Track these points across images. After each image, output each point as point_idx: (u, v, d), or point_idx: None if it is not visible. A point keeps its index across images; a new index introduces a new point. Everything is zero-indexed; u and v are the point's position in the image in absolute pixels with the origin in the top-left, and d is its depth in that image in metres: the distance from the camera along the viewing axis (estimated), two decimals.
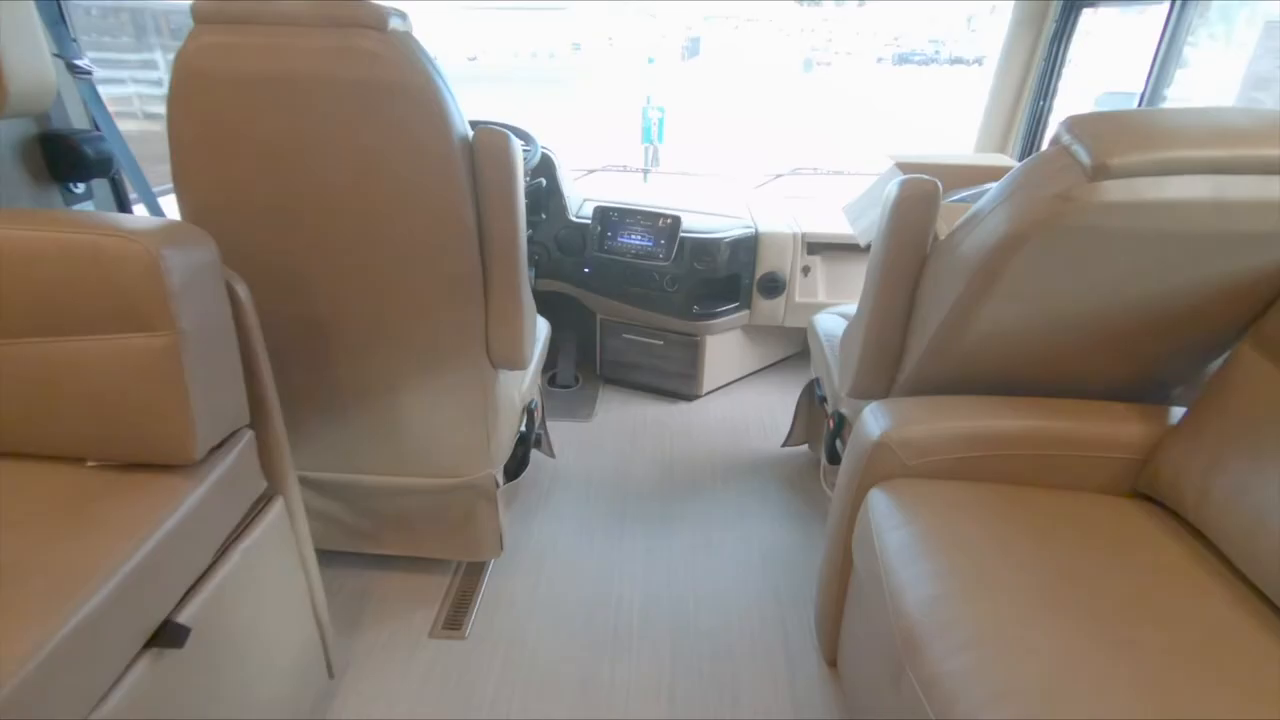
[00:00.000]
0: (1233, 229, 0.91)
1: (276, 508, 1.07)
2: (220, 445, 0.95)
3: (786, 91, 22.24)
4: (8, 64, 1.03)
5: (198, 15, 1.01)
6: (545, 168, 2.27)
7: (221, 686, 0.94)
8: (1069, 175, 0.90)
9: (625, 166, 3.08)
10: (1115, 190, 0.88)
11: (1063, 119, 0.95)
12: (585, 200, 2.46)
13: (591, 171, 2.92)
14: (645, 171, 3.09)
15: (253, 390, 1.02)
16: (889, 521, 1.04)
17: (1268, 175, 0.88)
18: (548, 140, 2.14)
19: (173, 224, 0.85)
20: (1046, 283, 1.02)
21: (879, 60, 39.64)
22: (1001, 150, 2.37)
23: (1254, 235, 0.92)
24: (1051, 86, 2.19)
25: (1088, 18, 2.09)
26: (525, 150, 1.43)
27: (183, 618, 0.84)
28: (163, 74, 2.57)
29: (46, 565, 0.73)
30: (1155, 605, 0.88)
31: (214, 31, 1.01)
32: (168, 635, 0.81)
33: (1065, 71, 2.17)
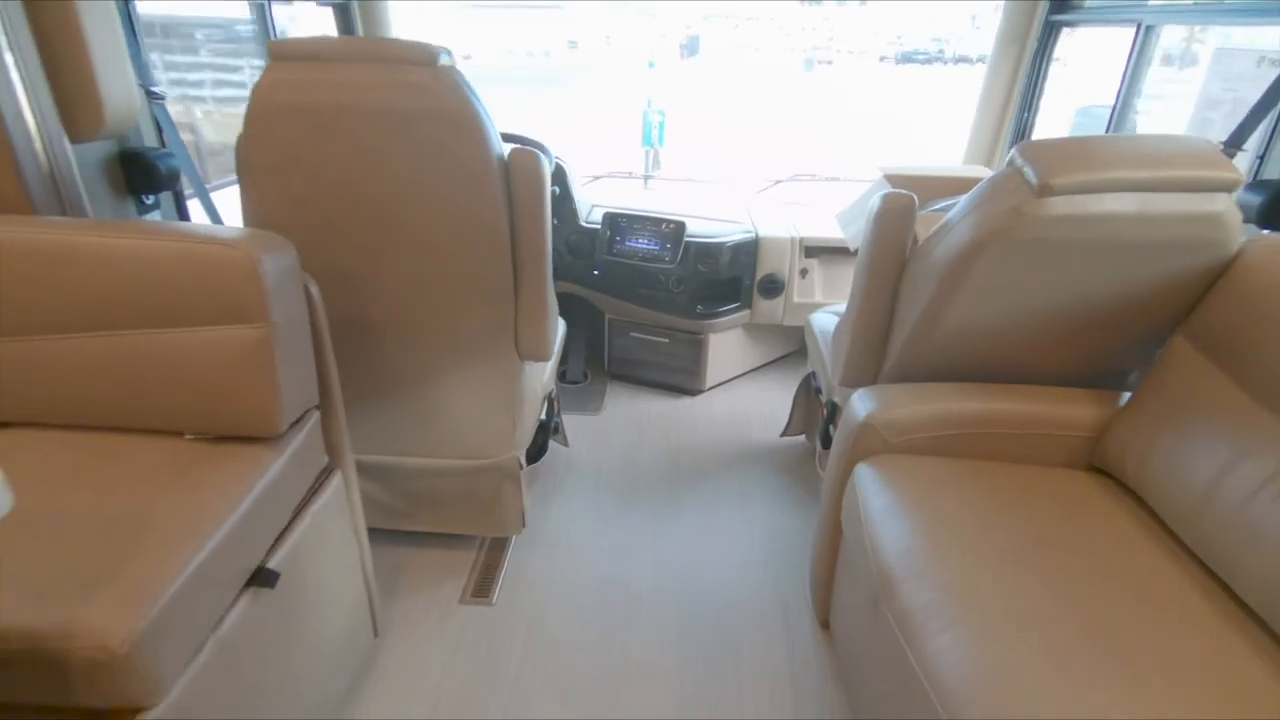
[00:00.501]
0: (1157, 238, 1.07)
1: (336, 480, 1.23)
2: (296, 422, 1.10)
3: (787, 91, 22.28)
4: (105, 94, 1.18)
5: (274, 53, 1.16)
6: (558, 176, 2.40)
7: (295, 633, 1.09)
8: (1020, 193, 1.07)
9: (631, 173, 3.22)
10: (1059, 205, 1.04)
11: (1016, 144, 1.11)
12: (593, 206, 2.58)
13: (597, 178, 3.05)
14: (646, 177, 3.22)
15: (319, 376, 1.17)
16: (873, 490, 1.20)
17: (1183, 193, 1.04)
18: (552, 145, 2.27)
19: (263, 233, 1.01)
20: (1006, 285, 1.18)
21: (881, 59, 39.56)
22: (989, 159, 2.51)
23: (1175, 243, 1.08)
24: (1035, 97, 2.34)
25: (1076, 35, 2.24)
26: None
27: (272, 564, 1.00)
28: (160, 74, 2.68)
29: (167, 516, 0.89)
30: (1097, 556, 1.03)
31: (287, 68, 1.16)
32: (263, 577, 0.97)
33: (1049, 85, 2.32)
